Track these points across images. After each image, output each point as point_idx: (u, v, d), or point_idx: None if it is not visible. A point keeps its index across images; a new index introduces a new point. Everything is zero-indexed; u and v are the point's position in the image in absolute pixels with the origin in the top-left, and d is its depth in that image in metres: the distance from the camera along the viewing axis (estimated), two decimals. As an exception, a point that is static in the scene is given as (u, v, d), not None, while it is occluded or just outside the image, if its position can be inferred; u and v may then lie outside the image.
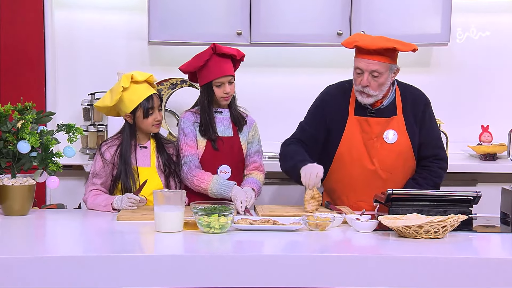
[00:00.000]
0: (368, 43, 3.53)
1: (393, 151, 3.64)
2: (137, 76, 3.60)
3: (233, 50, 3.73)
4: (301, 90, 5.00)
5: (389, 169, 3.63)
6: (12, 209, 3.35)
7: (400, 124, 3.65)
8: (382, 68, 3.53)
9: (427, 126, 3.69)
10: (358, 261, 2.76)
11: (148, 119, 3.62)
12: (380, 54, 3.52)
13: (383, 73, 3.54)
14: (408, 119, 3.66)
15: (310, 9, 4.70)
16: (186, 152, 3.71)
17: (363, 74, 3.55)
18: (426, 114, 3.70)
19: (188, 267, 2.72)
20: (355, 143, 3.65)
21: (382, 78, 3.55)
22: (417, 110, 3.68)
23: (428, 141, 3.68)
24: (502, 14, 5.09)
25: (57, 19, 4.88)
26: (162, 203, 3.07)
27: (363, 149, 3.65)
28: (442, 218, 2.99)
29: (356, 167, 3.65)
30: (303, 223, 3.14)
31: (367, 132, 3.65)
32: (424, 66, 5.11)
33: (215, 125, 3.75)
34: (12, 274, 2.65)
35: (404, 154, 3.65)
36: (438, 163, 3.68)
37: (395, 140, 3.64)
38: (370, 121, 3.65)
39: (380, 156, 3.63)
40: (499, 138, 4.93)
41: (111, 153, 3.63)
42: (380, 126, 3.64)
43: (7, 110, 3.38)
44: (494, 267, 2.76)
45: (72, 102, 4.90)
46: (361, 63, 3.55)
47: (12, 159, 3.37)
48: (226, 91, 3.71)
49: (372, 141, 3.64)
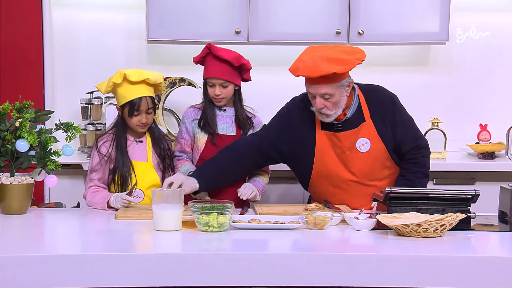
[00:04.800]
0: (309, 72, 3.43)
1: (368, 159, 3.59)
2: (131, 76, 3.59)
3: (230, 55, 3.70)
4: (299, 89, 4.98)
5: (369, 174, 3.60)
6: (10, 208, 3.35)
7: (370, 129, 3.58)
8: (331, 90, 3.46)
9: (399, 123, 3.61)
10: (356, 259, 2.76)
11: (132, 119, 3.63)
12: (325, 78, 3.43)
13: (334, 94, 3.46)
14: (377, 122, 3.59)
15: (308, 8, 4.70)
16: (177, 148, 3.82)
17: (316, 98, 3.49)
18: (396, 112, 3.62)
19: (186, 265, 2.72)
20: (329, 158, 3.59)
21: (335, 98, 3.48)
22: (385, 110, 3.61)
23: (406, 137, 3.62)
24: (502, 14, 5.09)
25: (56, 17, 4.88)
26: (161, 201, 3.07)
27: (338, 163, 3.59)
28: (441, 217, 2.99)
29: (335, 179, 3.61)
30: (302, 222, 3.14)
31: (338, 146, 3.58)
32: (423, 65, 5.11)
33: (215, 120, 3.76)
34: (11, 273, 2.65)
35: (381, 158, 3.60)
36: (420, 152, 3.63)
37: (368, 148, 3.58)
38: (339, 136, 3.57)
39: (357, 166, 3.59)
40: (497, 137, 4.93)
41: (107, 147, 3.65)
42: (350, 138, 3.57)
43: (5, 108, 3.38)
44: (493, 265, 2.76)
45: (71, 100, 4.89)
46: (310, 88, 3.49)
47: (11, 158, 3.36)
48: (216, 93, 3.72)
49: (345, 154, 3.59)
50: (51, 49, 4.76)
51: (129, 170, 3.61)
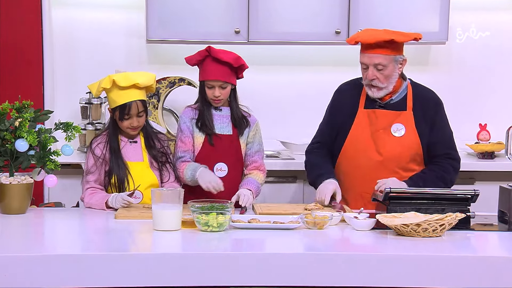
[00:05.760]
0: (367, 38, 3.59)
1: (400, 145, 3.65)
2: (120, 82, 3.56)
3: (230, 57, 3.71)
4: (299, 89, 5.01)
5: (396, 161, 3.64)
6: (10, 208, 3.35)
7: (409, 119, 3.67)
8: (385, 61, 3.57)
9: (438, 126, 3.70)
10: (356, 259, 2.76)
11: (123, 122, 3.62)
12: (381, 47, 3.56)
13: (388, 65, 3.58)
14: (418, 116, 3.67)
15: (308, 8, 4.70)
16: (179, 149, 3.76)
17: (369, 68, 3.59)
18: (438, 114, 3.71)
19: (186, 265, 2.72)
20: (362, 135, 3.68)
21: (388, 70, 3.59)
22: (428, 109, 3.70)
23: (440, 140, 3.69)
24: (502, 13, 5.09)
25: (55, 17, 4.87)
26: (160, 201, 3.07)
27: (370, 141, 3.67)
28: (440, 217, 3.00)
29: (362, 159, 3.67)
30: (301, 222, 3.14)
31: (374, 124, 3.68)
32: (423, 64, 5.11)
33: (212, 120, 3.76)
34: (10, 272, 2.65)
35: (412, 149, 3.66)
36: (449, 161, 3.68)
37: (402, 133, 3.66)
38: (377, 113, 3.67)
39: (386, 147, 3.65)
40: (497, 137, 4.93)
41: (101, 148, 3.64)
42: (387, 119, 3.66)
43: (5, 108, 3.38)
44: (492, 265, 2.76)
45: (70, 100, 4.89)
46: (364, 58, 3.61)
47: (10, 158, 3.36)
48: (215, 94, 3.72)
49: (378, 132, 3.66)
50: (50, 49, 4.76)
51: (125, 171, 3.60)
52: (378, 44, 3.56)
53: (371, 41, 3.56)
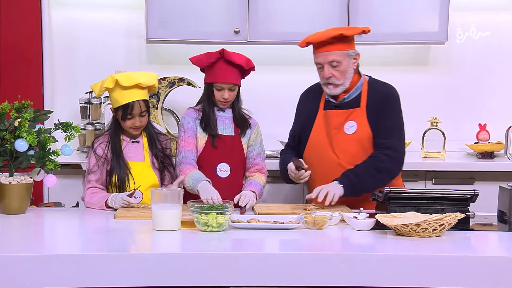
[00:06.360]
0: (317, 37, 3.65)
1: (352, 142, 3.65)
2: (123, 82, 3.58)
3: (242, 59, 3.73)
4: (298, 89, 4.98)
5: (352, 161, 3.63)
6: (9, 208, 3.35)
7: (361, 115, 3.67)
8: (339, 57, 3.62)
9: (383, 117, 3.66)
10: (355, 259, 2.76)
11: (126, 122, 3.63)
12: (332, 43, 3.61)
13: (342, 61, 3.62)
14: (371, 111, 3.67)
15: (308, 8, 4.70)
16: (182, 148, 3.74)
17: (324, 67, 3.63)
18: (387, 106, 3.68)
19: (185, 265, 2.72)
20: (319, 137, 3.71)
21: (343, 66, 3.63)
22: (380, 103, 3.68)
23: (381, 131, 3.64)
24: (502, 13, 5.09)
25: (55, 17, 4.88)
26: (160, 201, 3.07)
27: (326, 143, 3.69)
28: (440, 217, 3.00)
29: (322, 161, 3.68)
30: (301, 222, 3.15)
31: (329, 124, 3.70)
32: (422, 65, 5.11)
33: (215, 122, 3.76)
34: (10, 272, 2.65)
35: (365, 143, 3.65)
36: (383, 151, 3.62)
37: (354, 130, 3.66)
38: (331, 113, 3.70)
39: (341, 147, 3.66)
40: (496, 137, 4.93)
41: (102, 148, 3.65)
42: (340, 118, 3.68)
43: (4, 108, 3.38)
44: (492, 265, 2.76)
45: (70, 100, 4.89)
46: (319, 57, 3.66)
47: (10, 158, 3.37)
48: (225, 96, 3.72)
49: (332, 133, 3.68)
50: (50, 49, 4.76)
51: (126, 171, 3.61)
52: (328, 41, 3.61)
53: (321, 39, 3.62)
